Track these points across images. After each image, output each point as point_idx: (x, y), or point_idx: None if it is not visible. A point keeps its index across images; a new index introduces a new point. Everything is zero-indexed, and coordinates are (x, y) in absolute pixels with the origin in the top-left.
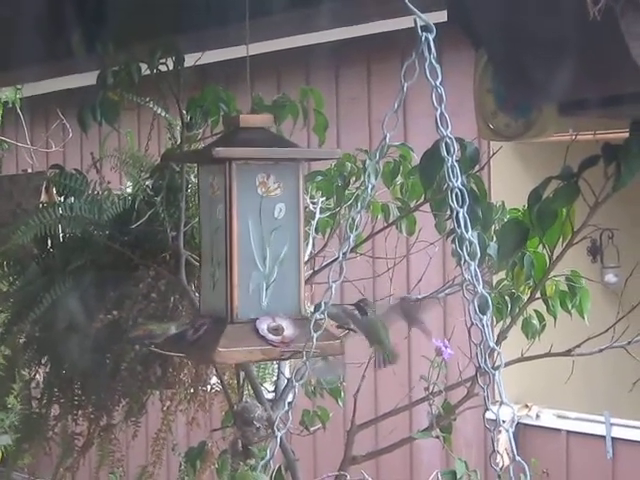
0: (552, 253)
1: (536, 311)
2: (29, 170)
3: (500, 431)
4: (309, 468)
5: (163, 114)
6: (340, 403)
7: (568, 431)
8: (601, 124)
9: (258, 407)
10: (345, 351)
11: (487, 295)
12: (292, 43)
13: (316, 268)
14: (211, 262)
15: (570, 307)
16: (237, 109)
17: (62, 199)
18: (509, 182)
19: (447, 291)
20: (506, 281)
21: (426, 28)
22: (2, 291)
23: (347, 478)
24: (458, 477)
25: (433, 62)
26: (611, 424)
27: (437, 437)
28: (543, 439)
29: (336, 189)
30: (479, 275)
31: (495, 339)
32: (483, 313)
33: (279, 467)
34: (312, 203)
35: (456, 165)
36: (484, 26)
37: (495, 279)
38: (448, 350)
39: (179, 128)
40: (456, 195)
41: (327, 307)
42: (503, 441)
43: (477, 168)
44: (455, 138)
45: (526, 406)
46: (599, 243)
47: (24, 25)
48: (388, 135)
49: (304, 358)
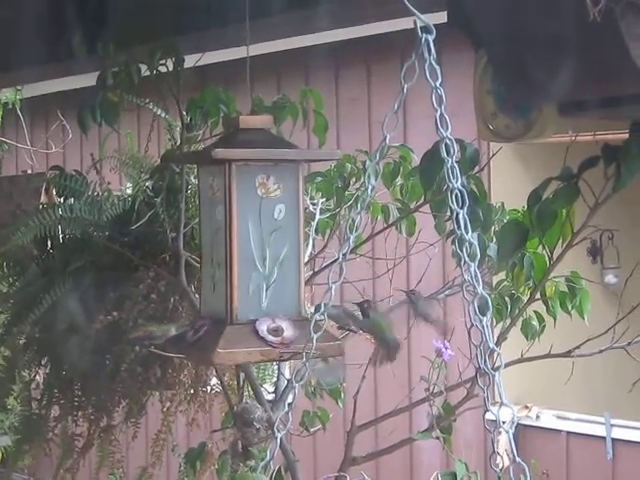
0: (552, 254)
1: (536, 312)
2: (29, 171)
3: (500, 432)
4: (309, 469)
5: (163, 115)
6: (340, 404)
7: (568, 432)
8: (601, 125)
9: (258, 408)
10: (345, 352)
11: (487, 296)
12: (292, 44)
13: (316, 269)
14: (211, 263)
15: (570, 308)
16: (237, 110)
17: (62, 200)
18: (509, 183)
19: (447, 292)
20: (506, 282)
21: (426, 29)
22: (2, 292)
23: (347, 479)
24: (458, 478)
25: (433, 63)
26: (611, 425)
27: (437, 438)
28: (543, 440)
29: (336, 190)
30: (479, 276)
31: (495, 340)
32: (483, 314)
33: (279, 468)
34: (312, 204)
35: (456, 166)
36: (484, 27)
37: (495, 280)
38: (448, 351)
39: (179, 129)
40: (456, 196)
41: (327, 308)
42: (503, 442)
43: (477, 169)
44: (455, 139)
45: (526, 407)
46: (599, 244)
47: (24, 26)
48: (388, 136)
49: (304, 359)
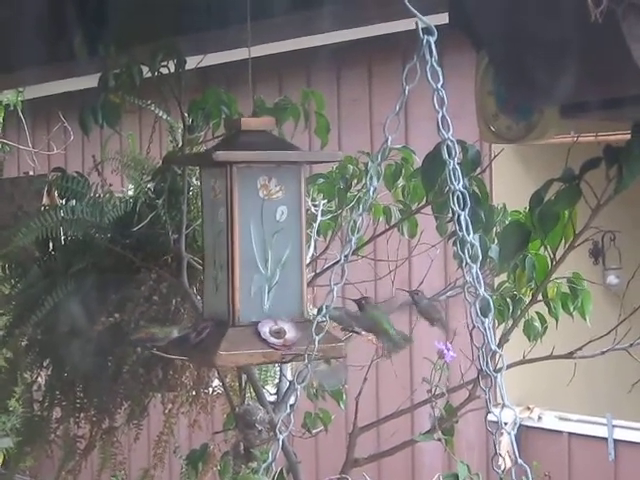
0: (554, 255)
1: (538, 313)
2: (31, 173)
3: (502, 433)
4: (311, 471)
5: (164, 117)
6: (342, 405)
7: (570, 433)
8: (603, 126)
9: (260, 410)
10: (347, 354)
11: (489, 297)
12: (293, 45)
13: (318, 271)
14: (213, 265)
15: (572, 309)
16: (238, 111)
17: (64, 202)
18: (511, 184)
19: (449, 293)
20: (508, 283)
21: (427, 30)
22: (4, 294)
23: None
24: None
25: (434, 65)
26: (613, 426)
27: (439, 440)
28: (545, 441)
29: (338, 191)
30: (481, 277)
31: (497, 341)
32: (485, 316)
33: (281, 470)
34: (314, 205)
35: (458, 168)
36: (485, 28)
37: (497, 281)
38: (450, 353)
39: (180, 131)
40: (458, 198)
41: (329, 310)
42: (505, 443)
43: (479, 171)
44: (457, 141)
45: (528, 408)
46: (601, 245)
47: (26, 28)
48: (390, 138)
49: (306, 361)
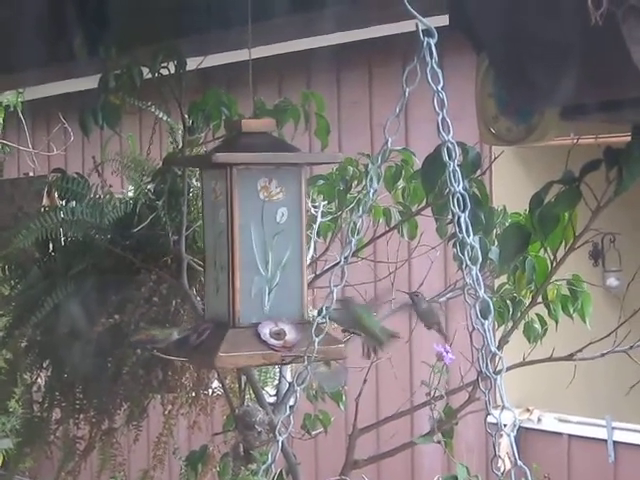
0: (554, 257)
1: (538, 315)
2: (31, 174)
3: (502, 435)
4: (311, 472)
5: (165, 118)
6: (342, 407)
7: (570, 435)
8: (603, 128)
9: (260, 411)
10: (347, 355)
11: (489, 299)
12: (293, 47)
13: (318, 272)
14: (214, 267)
15: (572, 311)
16: (239, 113)
17: (64, 203)
18: (511, 186)
19: (449, 295)
20: (508, 285)
21: (428, 32)
22: (4, 295)
23: None
24: None
25: (435, 67)
26: (613, 428)
27: (438, 442)
28: (545, 443)
29: (338, 193)
30: (481, 279)
31: (497, 343)
32: (485, 317)
33: (280, 471)
34: (314, 207)
35: (458, 170)
36: (486, 30)
37: (497, 283)
38: (449, 355)
39: (181, 132)
40: (458, 199)
41: (329, 311)
42: (505, 445)
43: (479, 172)
44: (457, 143)
45: (528, 410)
46: (601, 247)
47: (26, 29)
48: (390, 139)
49: (305, 362)
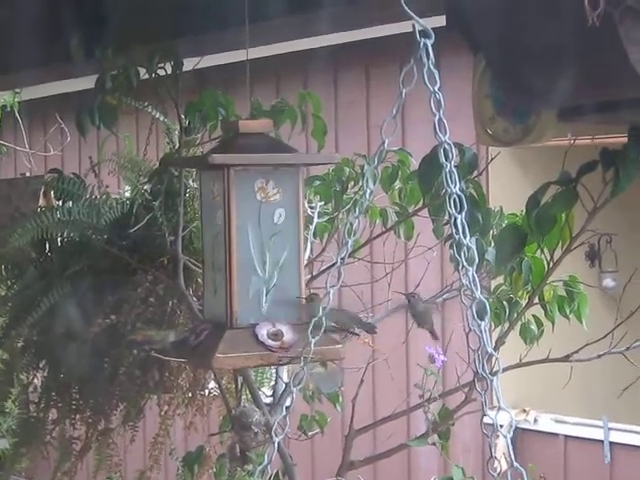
0: (550, 258)
1: (534, 316)
2: (27, 174)
3: (498, 436)
4: (307, 473)
5: (161, 118)
6: (338, 408)
7: (566, 436)
8: (600, 129)
9: (256, 412)
10: (344, 356)
11: (485, 300)
12: (291, 47)
13: (314, 273)
14: (212, 268)
15: (568, 312)
16: (236, 113)
17: (60, 203)
18: (507, 187)
19: (445, 296)
20: (504, 286)
21: (424, 33)
22: (0, 295)
23: None
24: None
25: (431, 67)
26: (609, 429)
27: (433, 444)
28: (541, 444)
29: (334, 194)
30: (477, 280)
31: (493, 344)
32: (481, 318)
33: (277, 472)
34: (310, 208)
35: (454, 170)
36: (483, 31)
37: (493, 284)
38: (441, 357)
39: (177, 132)
40: (454, 200)
41: (325, 312)
42: (501, 446)
43: (475, 173)
44: (454, 143)
45: (524, 411)
46: (597, 248)
47: (23, 29)
48: (386, 140)
49: (302, 363)
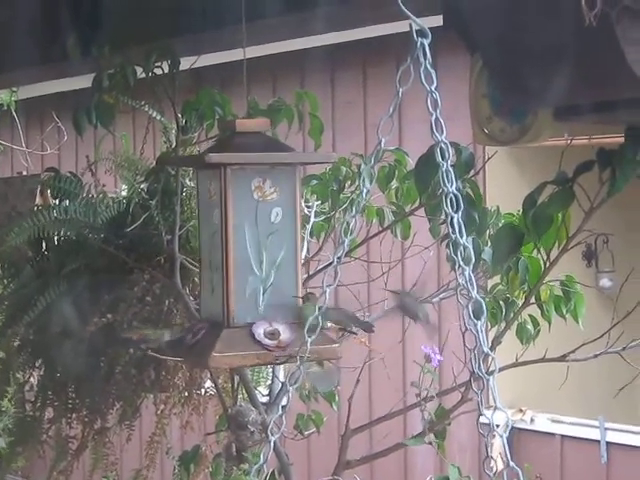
0: (547, 258)
1: (531, 316)
2: (24, 173)
3: (494, 436)
4: (303, 472)
5: (158, 117)
6: (334, 407)
7: (562, 436)
8: (596, 129)
9: (252, 411)
10: (341, 355)
11: (481, 300)
12: (287, 47)
13: (311, 272)
14: (209, 267)
15: (565, 312)
16: (232, 112)
17: (57, 202)
18: (504, 187)
19: (441, 296)
20: (501, 286)
21: (421, 33)
22: None
23: None
24: None
25: (428, 67)
26: (605, 429)
27: (429, 443)
28: (537, 444)
29: (331, 193)
30: (473, 280)
31: (489, 344)
32: (477, 318)
33: (273, 471)
34: (307, 207)
35: (451, 170)
36: (480, 31)
37: (490, 284)
38: (437, 357)
39: (174, 131)
40: (451, 200)
41: (321, 311)
42: (497, 446)
43: (472, 173)
44: (450, 143)
45: (520, 411)
46: (594, 248)
47: (20, 28)
48: (383, 140)
49: (298, 362)
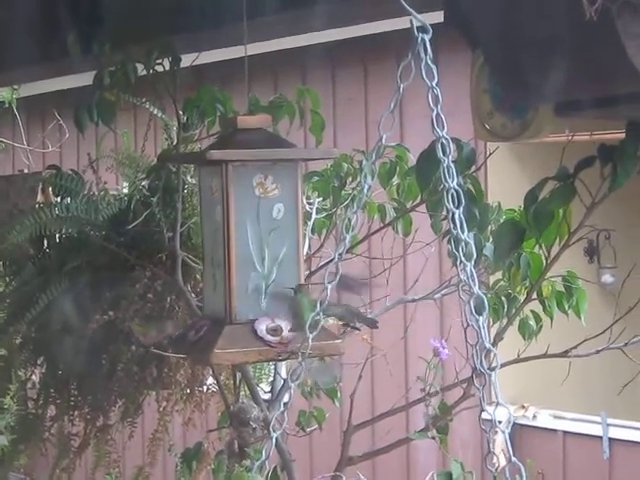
0: (549, 254)
1: (533, 312)
2: (25, 170)
3: (496, 432)
4: (305, 469)
5: (159, 115)
6: (337, 403)
7: (565, 431)
8: (597, 125)
9: (254, 408)
10: (344, 351)
11: (483, 296)
12: (289, 44)
13: (312, 269)
14: (212, 263)
15: (567, 308)
16: (233, 109)
17: (58, 199)
18: (505, 183)
19: (443, 292)
20: (502, 282)
21: (422, 29)
22: None
23: (343, 479)
24: (454, 478)
25: (429, 63)
26: (608, 425)
27: (433, 438)
28: (540, 439)
29: (332, 189)
30: (475, 276)
31: (491, 340)
32: (479, 314)
33: (275, 468)
34: (308, 203)
35: (452, 166)
36: (481, 27)
37: (491, 280)
38: (445, 351)
39: (175, 129)
40: (452, 196)
41: (323, 307)
42: (499, 442)
43: (473, 169)
44: (451, 139)
45: (523, 407)
46: (596, 243)
47: (20, 26)
48: (384, 136)
49: (300, 359)
